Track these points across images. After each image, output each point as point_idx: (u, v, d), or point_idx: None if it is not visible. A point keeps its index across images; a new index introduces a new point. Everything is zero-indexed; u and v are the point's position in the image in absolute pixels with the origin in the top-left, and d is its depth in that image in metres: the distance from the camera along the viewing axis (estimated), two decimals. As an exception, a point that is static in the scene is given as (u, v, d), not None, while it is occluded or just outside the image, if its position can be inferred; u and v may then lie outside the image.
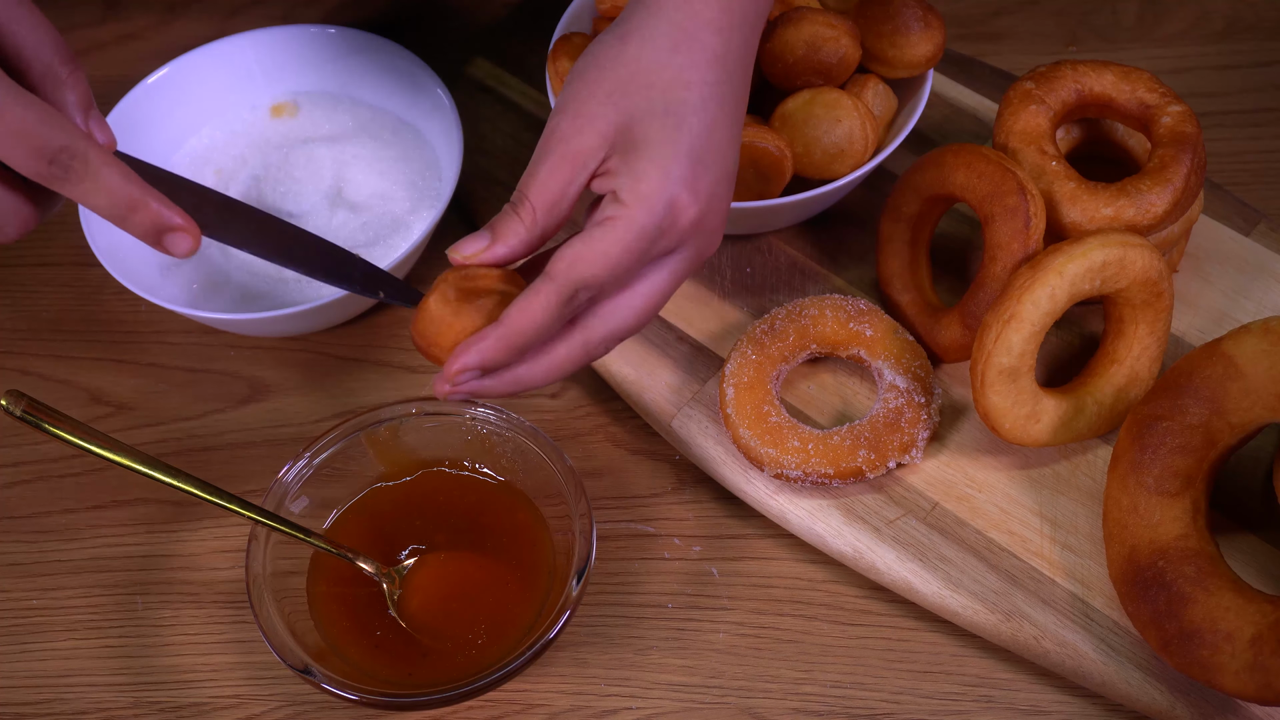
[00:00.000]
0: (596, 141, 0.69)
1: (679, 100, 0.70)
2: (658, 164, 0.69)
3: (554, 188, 0.69)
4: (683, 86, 0.70)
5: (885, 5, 0.91)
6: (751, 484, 0.85)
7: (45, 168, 0.66)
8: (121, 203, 0.68)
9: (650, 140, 0.69)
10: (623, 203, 0.68)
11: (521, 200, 0.69)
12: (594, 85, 0.70)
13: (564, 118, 0.70)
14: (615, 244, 0.68)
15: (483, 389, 0.70)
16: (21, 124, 0.65)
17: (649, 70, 0.70)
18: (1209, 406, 0.77)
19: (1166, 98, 0.87)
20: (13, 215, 0.69)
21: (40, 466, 0.92)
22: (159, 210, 0.69)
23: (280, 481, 0.82)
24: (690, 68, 0.70)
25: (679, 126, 0.69)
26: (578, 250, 0.68)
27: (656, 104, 0.69)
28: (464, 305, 0.69)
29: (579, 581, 0.78)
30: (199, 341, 0.97)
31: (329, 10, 1.15)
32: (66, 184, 0.67)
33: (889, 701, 0.81)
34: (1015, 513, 0.83)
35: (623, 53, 0.70)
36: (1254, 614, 0.73)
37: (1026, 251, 0.83)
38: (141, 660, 0.84)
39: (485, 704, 0.82)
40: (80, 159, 0.67)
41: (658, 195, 0.69)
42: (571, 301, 0.68)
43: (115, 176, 0.67)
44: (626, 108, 0.69)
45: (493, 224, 0.70)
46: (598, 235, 0.68)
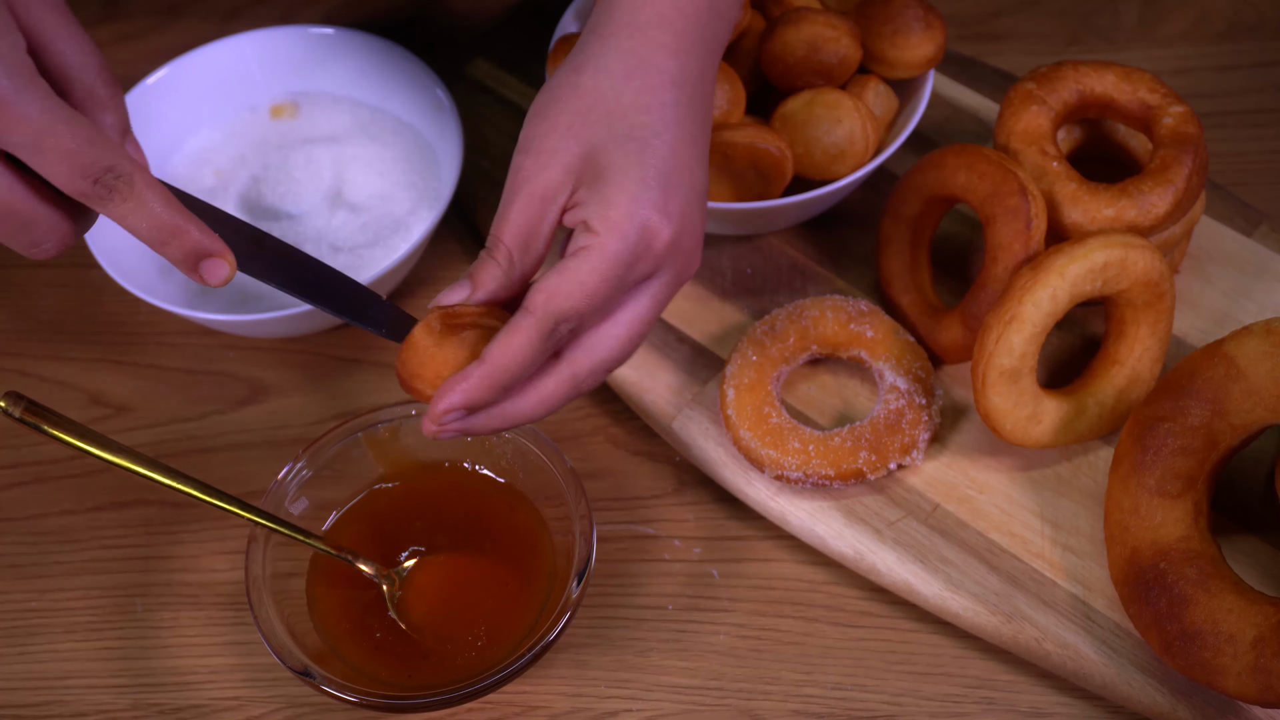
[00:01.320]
0: (561, 176, 0.69)
1: (639, 125, 0.69)
2: (625, 189, 0.68)
3: (525, 227, 0.69)
4: (641, 110, 0.70)
5: (886, 6, 0.91)
6: (752, 485, 0.85)
7: (90, 187, 0.66)
8: (163, 227, 0.68)
9: (615, 167, 0.68)
10: (594, 231, 0.68)
11: (495, 244, 0.69)
12: (553, 120, 0.70)
13: (526, 156, 0.70)
14: (591, 273, 0.67)
15: (471, 427, 0.69)
16: (70, 142, 0.65)
17: (606, 99, 0.70)
18: (1211, 408, 0.77)
19: (1168, 98, 0.87)
20: (52, 231, 0.69)
21: (39, 468, 0.92)
22: (199, 237, 0.69)
23: (280, 483, 0.82)
24: (647, 92, 0.70)
25: (642, 150, 0.69)
26: (554, 283, 0.67)
27: (618, 131, 0.69)
28: (447, 338, 0.69)
29: (579, 583, 0.77)
30: (198, 343, 0.97)
31: (329, 10, 1.14)
32: (109, 204, 0.67)
33: (890, 703, 0.81)
34: (1016, 514, 0.83)
35: (578, 84, 0.70)
36: (1256, 616, 0.72)
37: (1028, 252, 0.83)
38: (141, 662, 0.84)
39: (485, 706, 0.82)
40: (125, 180, 0.67)
41: (629, 220, 0.68)
42: (553, 335, 0.67)
43: (158, 201, 0.68)
44: (587, 138, 0.69)
45: (471, 271, 0.69)
46: (572, 266, 0.67)
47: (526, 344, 0.67)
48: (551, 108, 0.70)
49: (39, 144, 0.65)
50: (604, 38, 0.71)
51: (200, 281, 0.70)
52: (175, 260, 0.69)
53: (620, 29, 0.71)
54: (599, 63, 0.71)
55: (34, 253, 0.70)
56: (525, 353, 0.67)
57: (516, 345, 0.67)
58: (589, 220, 0.68)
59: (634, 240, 0.68)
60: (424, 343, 0.69)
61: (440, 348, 0.69)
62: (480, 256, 0.70)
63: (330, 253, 0.94)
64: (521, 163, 0.70)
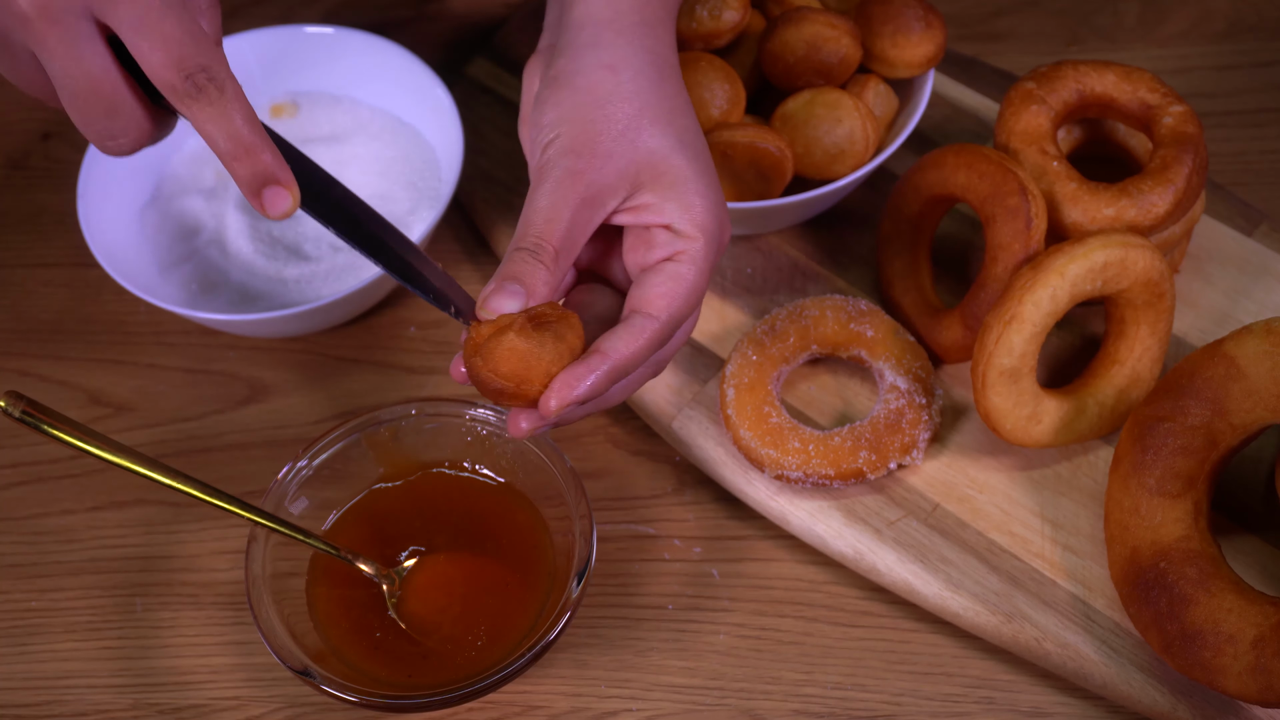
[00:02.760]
0: (615, 180, 0.70)
1: (683, 128, 0.72)
2: (700, 193, 0.71)
3: (574, 230, 0.69)
4: (682, 114, 0.73)
5: (886, 5, 0.91)
6: (752, 485, 0.85)
7: (181, 81, 0.65)
8: (239, 141, 0.66)
9: (682, 171, 0.71)
10: (685, 235, 0.71)
11: (542, 246, 0.69)
12: (603, 123, 0.70)
13: (577, 157, 0.70)
14: (698, 277, 0.71)
15: (571, 417, 0.72)
16: (173, 33, 0.64)
17: (652, 104, 0.71)
18: (1211, 407, 0.77)
19: (1168, 98, 0.87)
20: (132, 125, 0.68)
21: (39, 468, 0.92)
22: (270, 161, 0.67)
23: (280, 483, 0.82)
24: (675, 94, 0.73)
25: (696, 151, 0.72)
26: (672, 289, 0.70)
27: (671, 135, 0.71)
28: (543, 339, 0.68)
29: (579, 583, 0.77)
30: (198, 342, 0.97)
31: (329, 10, 1.14)
32: (195, 104, 0.65)
33: (890, 703, 0.81)
34: (1016, 514, 0.83)
35: (619, 86, 0.71)
36: (1256, 616, 0.72)
37: (1028, 252, 0.83)
38: (141, 662, 0.84)
39: (485, 706, 0.82)
40: (217, 83, 0.65)
41: (711, 221, 0.71)
42: (668, 336, 0.71)
43: (241, 113, 0.66)
44: (646, 145, 0.71)
45: (517, 275, 0.68)
46: (682, 273, 0.70)
47: (648, 346, 0.69)
48: (596, 111, 0.70)
49: (144, 25, 0.64)
50: (618, 31, 0.72)
51: (259, 209, 0.68)
52: (241, 179, 0.67)
53: (622, 20, 0.72)
54: (631, 63, 0.71)
55: (109, 146, 0.68)
56: (645, 353, 0.70)
57: (639, 346, 0.69)
58: (674, 225, 0.71)
59: (715, 239, 0.72)
60: (526, 345, 0.67)
61: (542, 348, 0.68)
62: (524, 259, 0.69)
63: (330, 252, 0.94)
64: (574, 165, 0.69)
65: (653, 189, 0.71)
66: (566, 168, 0.69)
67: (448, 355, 0.95)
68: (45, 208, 1.04)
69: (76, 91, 0.65)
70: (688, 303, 0.70)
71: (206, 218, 0.97)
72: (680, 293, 0.70)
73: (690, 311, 0.71)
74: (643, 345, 0.69)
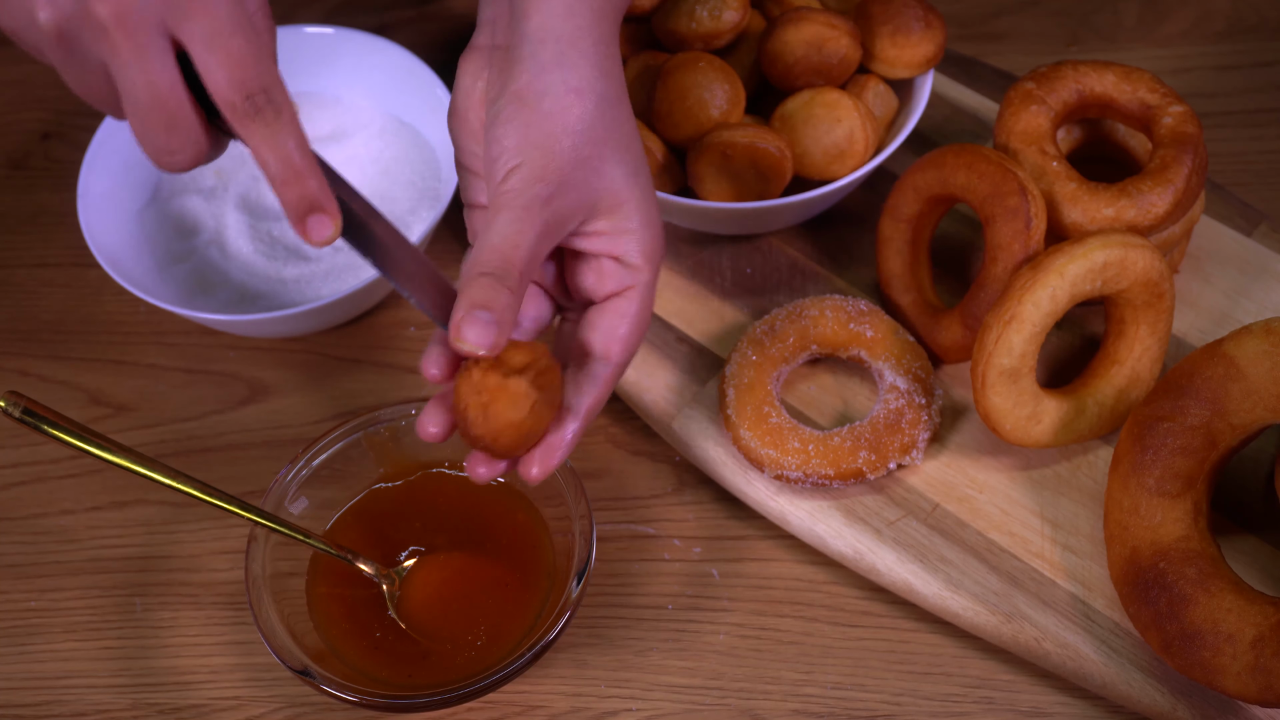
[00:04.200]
0: (578, 208, 0.70)
1: (636, 154, 0.72)
2: (648, 221, 0.72)
3: (536, 255, 0.69)
4: (632, 139, 0.72)
5: (886, 5, 0.91)
6: (752, 485, 0.85)
7: (241, 100, 0.65)
8: (290, 166, 0.66)
9: (634, 197, 0.71)
10: (634, 267, 0.71)
11: (508, 273, 0.68)
12: (570, 153, 0.70)
13: (544, 186, 0.69)
14: (647, 309, 0.72)
15: None
16: (239, 52, 0.64)
17: (611, 127, 0.71)
18: (1210, 407, 0.77)
19: (1168, 98, 0.87)
20: (189, 142, 0.67)
21: (39, 468, 0.92)
22: (317, 190, 0.67)
23: (280, 482, 0.82)
24: (627, 119, 0.72)
25: (642, 174, 0.72)
26: (628, 332, 0.71)
27: (627, 159, 0.71)
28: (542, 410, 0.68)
29: (579, 583, 0.77)
30: (198, 342, 0.97)
31: (328, 11, 1.14)
32: (253, 124, 0.65)
33: (890, 703, 0.81)
34: (1016, 514, 0.83)
35: (584, 115, 0.70)
36: (1255, 615, 0.72)
37: (1027, 252, 0.83)
38: (140, 662, 0.84)
39: (485, 705, 0.82)
40: (275, 106, 0.65)
41: (657, 250, 0.72)
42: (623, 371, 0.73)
43: (295, 139, 0.66)
44: (606, 173, 0.70)
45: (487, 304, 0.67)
46: (634, 312, 0.72)
47: (609, 390, 0.72)
48: (565, 140, 0.70)
49: (213, 42, 0.64)
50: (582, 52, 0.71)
51: (302, 234, 0.68)
52: (288, 203, 0.67)
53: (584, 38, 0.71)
54: (595, 89, 0.70)
55: (165, 161, 0.68)
56: (607, 396, 0.72)
57: (604, 394, 0.71)
58: (625, 256, 0.71)
59: (660, 260, 0.73)
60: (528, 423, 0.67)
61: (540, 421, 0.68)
62: (491, 284, 0.67)
63: (330, 252, 0.94)
64: (542, 193, 0.69)
65: (608, 217, 0.71)
66: (534, 195, 0.69)
67: (447, 355, 0.95)
68: (45, 208, 1.04)
69: (141, 102, 0.66)
70: (640, 338, 0.73)
71: (206, 218, 0.97)
72: (636, 334, 0.72)
73: (638, 345, 0.73)
74: (606, 392, 0.71)
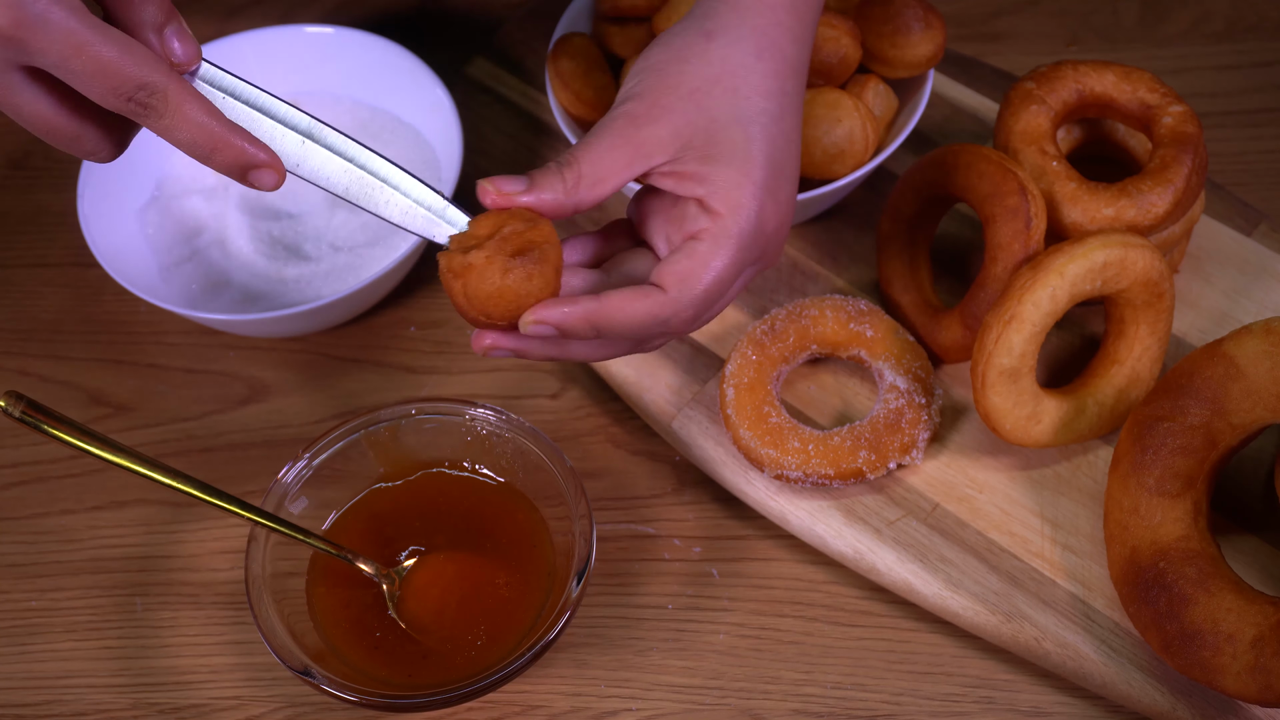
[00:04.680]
0: (668, 137, 0.68)
1: (761, 109, 0.70)
2: (749, 174, 0.69)
3: (608, 166, 0.68)
4: (765, 95, 0.70)
5: (886, 5, 0.91)
6: (752, 485, 0.85)
7: (125, 104, 0.65)
8: (204, 140, 0.66)
9: (736, 148, 0.69)
10: (717, 213, 0.68)
11: (571, 163, 0.68)
12: (676, 78, 0.69)
13: (639, 103, 0.69)
14: (722, 259, 0.68)
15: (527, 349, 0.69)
16: (100, 60, 0.63)
17: (734, 74, 0.69)
18: (1210, 407, 0.77)
19: (1167, 98, 0.87)
20: (101, 143, 0.68)
21: (39, 468, 0.92)
22: (243, 147, 0.66)
23: (280, 482, 0.82)
24: (772, 75, 0.70)
25: (763, 135, 0.69)
26: (685, 267, 0.68)
27: (743, 111, 0.69)
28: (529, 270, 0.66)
29: (579, 582, 0.77)
30: (198, 342, 0.97)
31: (329, 10, 1.14)
32: (148, 120, 0.65)
33: (890, 703, 0.81)
34: (1016, 514, 0.83)
35: (708, 51, 0.70)
36: (1255, 615, 0.72)
37: (1027, 252, 0.83)
38: (141, 661, 0.84)
39: (485, 705, 0.82)
40: (160, 95, 0.65)
41: (752, 204, 0.68)
42: (673, 319, 0.68)
43: (197, 113, 0.65)
44: (710, 110, 0.69)
45: (533, 174, 0.68)
46: (700, 251, 0.68)
47: (645, 316, 0.67)
48: (675, 66, 0.69)
49: (69, 63, 0.63)
50: (735, 8, 0.70)
51: (251, 186, 0.68)
52: (223, 171, 0.67)
53: (749, 3, 0.71)
54: (730, 35, 0.70)
55: (93, 159, 0.69)
56: (638, 322, 0.68)
57: (635, 312, 0.67)
58: (708, 199, 0.68)
59: (754, 226, 0.69)
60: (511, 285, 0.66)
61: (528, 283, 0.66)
62: (549, 166, 0.68)
63: (330, 252, 0.94)
64: (633, 107, 0.68)
65: (700, 157, 0.68)
66: (627, 110, 0.68)
67: (448, 355, 0.95)
68: (45, 208, 1.04)
69: (36, 130, 0.66)
70: (705, 285, 0.68)
71: (207, 218, 0.97)
72: (694, 272, 0.68)
73: (707, 296, 0.68)
74: (637, 312, 0.68)
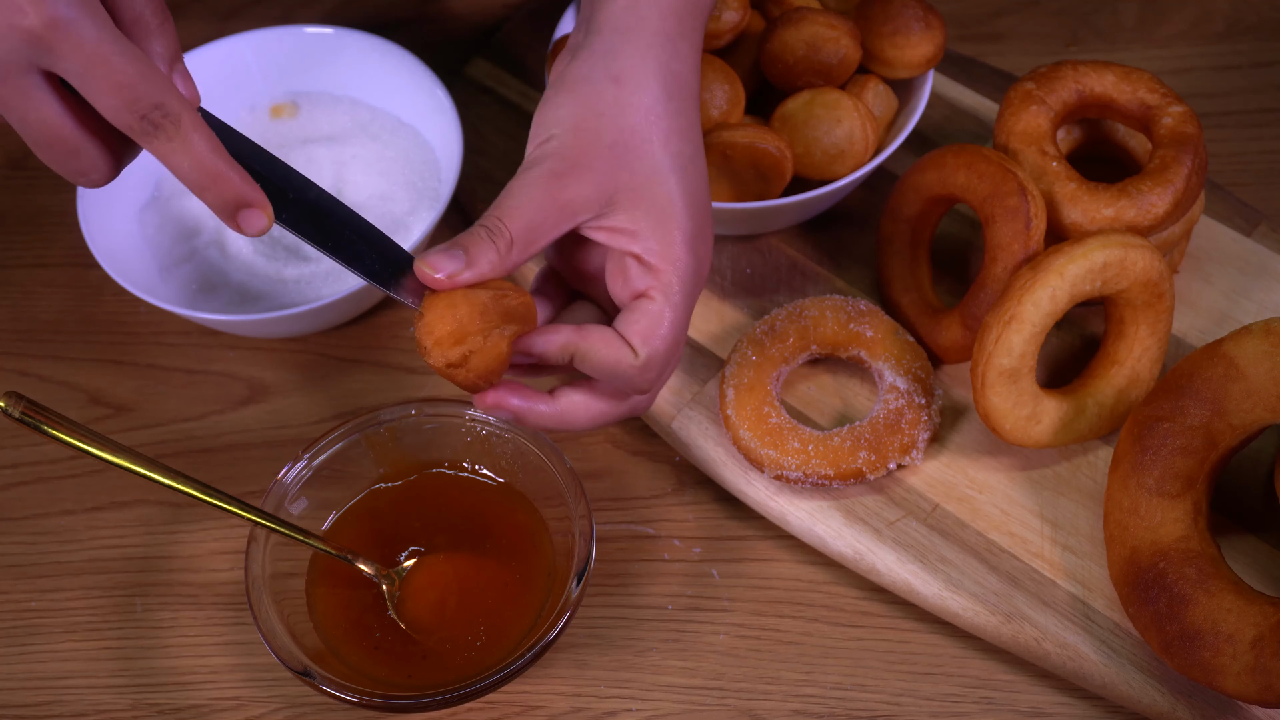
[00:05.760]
0: (593, 194, 0.68)
1: (676, 153, 0.70)
2: (677, 224, 0.69)
3: (536, 227, 0.68)
4: (679, 137, 0.70)
5: (885, 6, 0.91)
6: (752, 485, 0.85)
7: (136, 122, 0.65)
8: (204, 172, 0.66)
9: (659, 200, 0.69)
10: (653, 268, 0.69)
11: (499, 230, 0.68)
12: (594, 134, 0.69)
13: (560, 161, 0.68)
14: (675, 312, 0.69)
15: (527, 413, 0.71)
16: (121, 74, 0.63)
17: (648, 123, 0.69)
18: (1210, 408, 0.77)
19: (1167, 98, 0.87)
20: (98, 162, 0.68)
21: (39, 468, 0.92)
22: (239, 186, 0.66)
23: (279, 483, 0.82)
24: (681, 114, 0.71)
25: (682, 182, 0.70)
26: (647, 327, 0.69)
27: (660, 161, 0.69)
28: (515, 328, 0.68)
29: (579, 583, 0.77)
30: (198, 343, 0.97)
31: (328, 10, 1.14)
32: (154, 141, 0.65)
33: (890, 703, 0.81)
34: (1016, 514, 0.83)
35: (619, 99, 0.69)
36: (1255, 616, 0.72)
37: (1027, 252, 0.83)
38: (140, 662, 0.84)
39: (485, 706, 0.82)
40: (172, 119, 0.65)
41: (685, 256, 0.69)
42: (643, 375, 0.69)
43: (203, 144, 0.66)
44: (630, 164, 0.69)
45: (465, 245, 0.67)
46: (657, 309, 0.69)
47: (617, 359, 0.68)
48: (591, 121, 0.69)
49: (90, 71, 0.63)
50: (633, 41, 0.70)
51: (237, 230, 0.68)
52: (213, 206, 0.67)
53: (641, 31, 0.70)
54: (638, 77, 0.70)
55: (81, 181, 0.68)
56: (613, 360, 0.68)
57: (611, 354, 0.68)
58: (645, 255, 0.69)
59: (693, 272, 0.70)
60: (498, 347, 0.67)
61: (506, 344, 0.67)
62: (478, 233, 0.68)
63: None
64: (553, 166, 0.68)
65: (629, 211, 0.69)
66: (549, 169, 0.68)
67: (447, 355, 0.95)
68: (45, 208, 1.04)
69: (37, 140, 0.66)
70: (667, 341, 0.69)
71: (206, 218, 0.97)
72: (654, 329, 0.69)
73: (668, 350, 0.70)
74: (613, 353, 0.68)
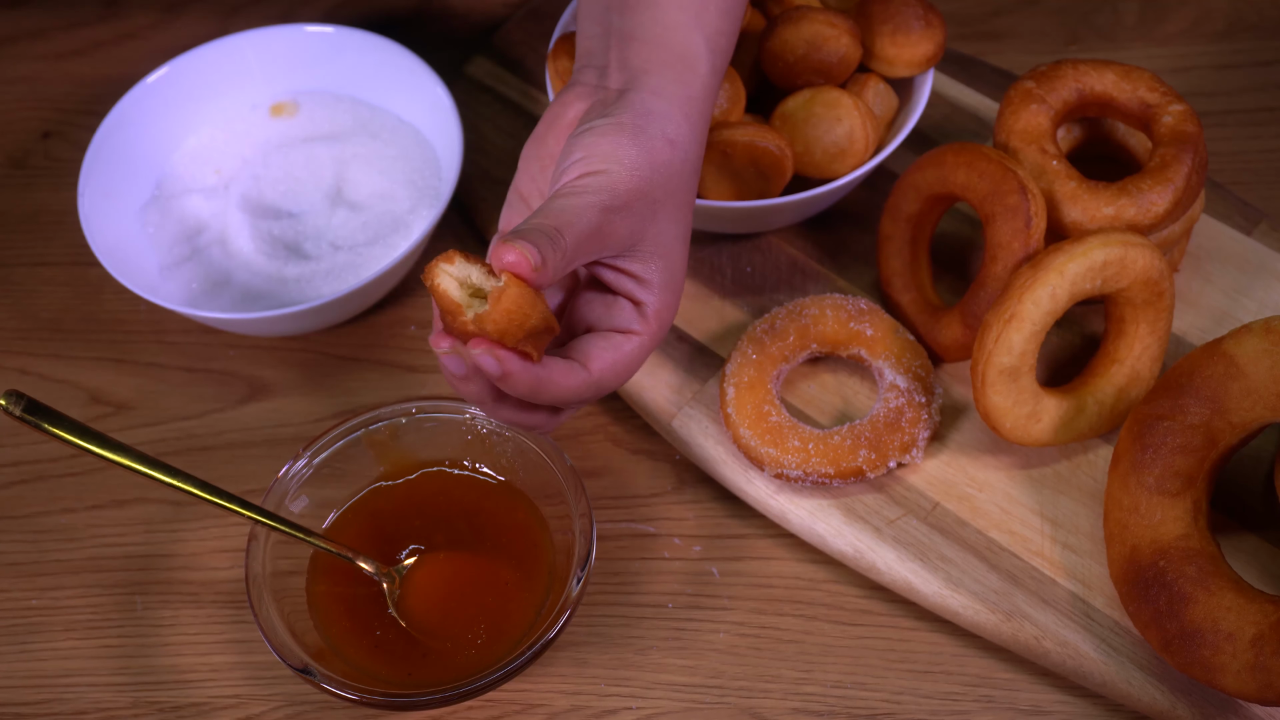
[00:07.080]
0: (626, 235, 0.71)
1: (688, 222, 0.75)
2: (678, 286, 0.74)
3: (580, 246, 0.69)
4: (690, 209, 0.75)
5: (886, 4, 0.91)
6: (752, 484, 0.85)
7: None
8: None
9: (674, 262, 0.74)
10: (650, 320, 0.73)
11: (560, 236, 0.68)
12: (646, 184, 0.72)
13: (611, 197, 0.70)
14: (639, 357, 0.73)
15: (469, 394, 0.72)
16: None
17: (685, 189, 0.74)
18: (1210, 406, 0.77)
19: (1167, 97, 0.87)
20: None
21: (39, 466, 0.92)
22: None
23: (280, 481, 0.82)
24: (694, 187, 0.76)
25: (685, 245, 0.75)
26: (614, 359, 0.72)
27: (682, 228, 0.74)
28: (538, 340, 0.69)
29: (579, 581, 0.77)
30: (198, 341, 0.97)
31: (329, 9, 1.14)
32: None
33: (889, 701, 0.81)
34: (1016, 512, 0.83)
35: (671, 164, 0.73)
36: (1255, 614, 0.72)
37: (1027, 251, 0.83)
38: (141, 660, 0.84)
39: (485, 704, 0.82)
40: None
41: (672, 315, 0.74)
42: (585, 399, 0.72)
43: None
44: (662, 223, 0.73)
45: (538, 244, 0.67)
46: (628, 350, 0.72)
47: (574, 393, 0.71)
48: (645, 172, 0.72)
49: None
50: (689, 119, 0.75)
51: None
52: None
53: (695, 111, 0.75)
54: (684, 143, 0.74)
55: None
56: (568, 396, 0.71)
57: (569, 386, 0.71)
58: (647, 306, 0.73)
59: (666, 331, 0.74)
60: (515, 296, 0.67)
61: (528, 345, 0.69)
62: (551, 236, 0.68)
63: (330, 251, 0.94)
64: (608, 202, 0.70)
65: (645, 263, 0.72)
66: (603, 202, 0.70)
67: (448, 354, 0.95)
68: (45, 207, 1.04)
69: None
70: (622, 376, 0.73)
71: (207, 217, 0.97)
72: (621, 364, 0.72)
73: (619, 383, 0.73)
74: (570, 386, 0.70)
